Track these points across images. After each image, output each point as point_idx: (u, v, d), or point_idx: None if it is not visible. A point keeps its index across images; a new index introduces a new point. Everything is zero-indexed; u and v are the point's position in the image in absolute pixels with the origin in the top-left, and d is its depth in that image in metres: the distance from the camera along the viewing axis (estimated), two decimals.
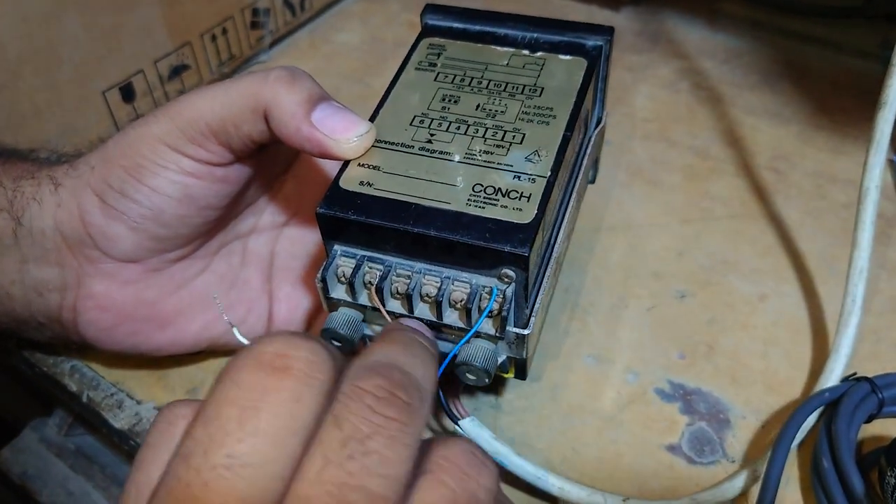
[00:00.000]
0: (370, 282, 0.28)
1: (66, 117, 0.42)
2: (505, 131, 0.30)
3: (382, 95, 0.32)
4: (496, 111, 0.31)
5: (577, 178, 0.34)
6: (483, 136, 0.30)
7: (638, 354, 0.36)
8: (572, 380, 0.35)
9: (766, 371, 0.35)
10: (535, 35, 0.34)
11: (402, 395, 0.20)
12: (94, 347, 0.33)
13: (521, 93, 0.32)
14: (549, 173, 0.28)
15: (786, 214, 0.42)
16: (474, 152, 0.29)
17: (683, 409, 0.34)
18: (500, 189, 0.27)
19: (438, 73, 0.33)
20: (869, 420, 0.31)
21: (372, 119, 0.31)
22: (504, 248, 0.26)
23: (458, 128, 0.30)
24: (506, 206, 0.27)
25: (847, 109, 0.48)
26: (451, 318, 0.28)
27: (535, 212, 0.27)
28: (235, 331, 0.29)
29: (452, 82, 0.32)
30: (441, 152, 0.29)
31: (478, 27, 0.35)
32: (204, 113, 0.28)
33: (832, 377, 0.32)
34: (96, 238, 0.30)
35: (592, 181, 0.40)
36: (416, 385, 0.21)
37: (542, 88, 0.32)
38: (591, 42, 0.34)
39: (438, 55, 0.34)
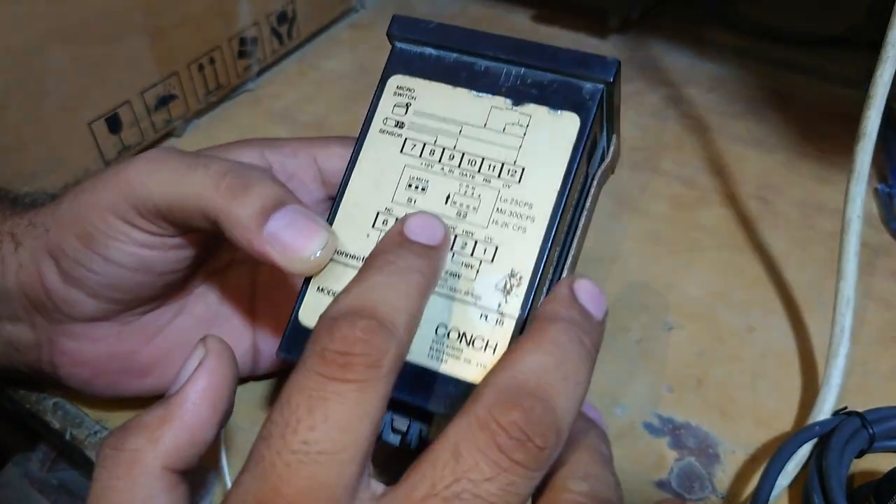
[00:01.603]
0: None
1: (52, 149, 0.42)
2: (476, 241, 0.27)
3: (344, 174, 0.29)
4: (468, 208, 0.27)
5: (570, 255, 0.30)
6: (451, 249, 0.27)
7: (626, 387, 0.36)
8: None
9: (754, 404, 0.35)
10: (522, 71, 0.28)
11: (539, 441, 0.19)
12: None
13: (498, 177, 0.27)
14: (518, 312, 0.25)
15: (773, 244, 0.42)
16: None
17: (672, 444, 0.34)
18: (463, 335, 0.25)
19: (406, 141, 0.29)
20: (860, 455, 0.31)
21: (332, 215, 0.28)
22: None
23: None
24: (468, 361, 0.25)
25: (833, 137, 0.49)
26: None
27: None
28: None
29: (421, 156, 0.28)
30: None
31: (454, 56, 0.29)
32: (152, 195, 0.27)
33: (823, 409, 0.32)
34: (57, 303, 0.29)
35: (612, 172, 0.34)
36: (557, 427, 0.20)
37: (523, 170, 0.27)
38: (589, 85, 0.28)
39: (406, 108, 0.29)
